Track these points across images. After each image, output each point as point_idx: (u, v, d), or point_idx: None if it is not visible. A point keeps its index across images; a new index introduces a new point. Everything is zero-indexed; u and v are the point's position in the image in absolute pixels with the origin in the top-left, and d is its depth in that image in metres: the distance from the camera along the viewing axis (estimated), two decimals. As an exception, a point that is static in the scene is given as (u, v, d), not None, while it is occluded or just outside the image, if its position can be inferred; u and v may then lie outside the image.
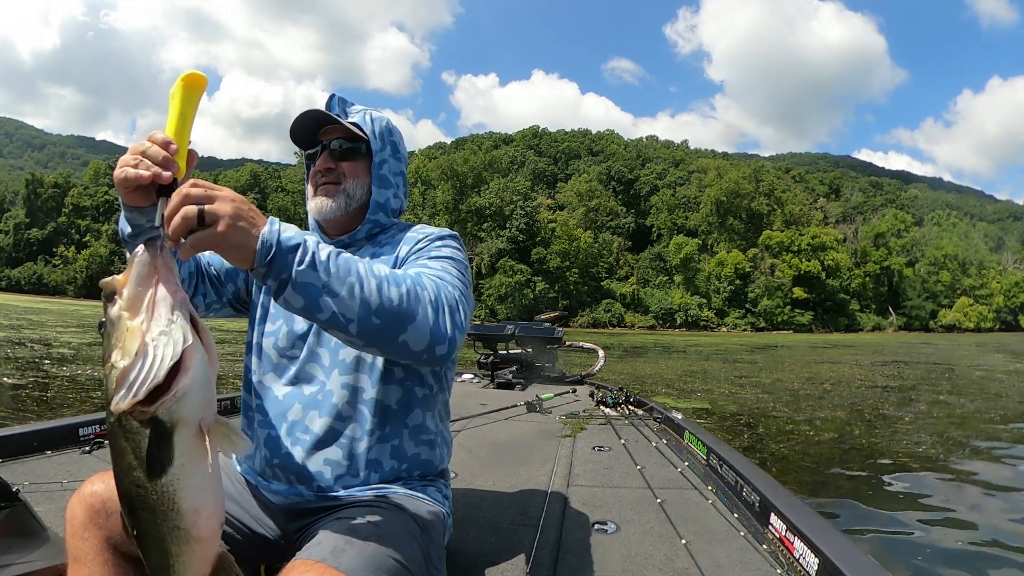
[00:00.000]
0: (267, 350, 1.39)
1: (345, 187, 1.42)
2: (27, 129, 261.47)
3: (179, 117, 1.04)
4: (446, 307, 1.13)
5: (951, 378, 16.04)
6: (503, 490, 2.33)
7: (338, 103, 1.47)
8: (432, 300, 1.11)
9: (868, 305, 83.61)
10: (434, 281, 1.16)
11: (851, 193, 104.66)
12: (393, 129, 1.50)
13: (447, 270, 1.26)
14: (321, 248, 1.00)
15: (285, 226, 0.98)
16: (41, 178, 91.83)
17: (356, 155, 1.43)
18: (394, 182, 1.49)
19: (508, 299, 73.19)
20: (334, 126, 1.43)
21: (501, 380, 5.71)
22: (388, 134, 1.47)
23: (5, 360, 11.43)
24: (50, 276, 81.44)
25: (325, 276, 0.98)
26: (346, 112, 1.47)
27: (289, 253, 0.96)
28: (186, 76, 1.05)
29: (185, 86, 1.04)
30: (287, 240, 0.96)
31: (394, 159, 1.48)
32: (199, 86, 1.05)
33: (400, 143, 1.52)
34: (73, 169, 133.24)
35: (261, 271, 0.95)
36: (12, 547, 1.44)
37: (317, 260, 0.98)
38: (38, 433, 2.54)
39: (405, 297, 1.05)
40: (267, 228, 0.95)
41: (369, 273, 1.03)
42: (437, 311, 1.10)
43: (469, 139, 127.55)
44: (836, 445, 7.02)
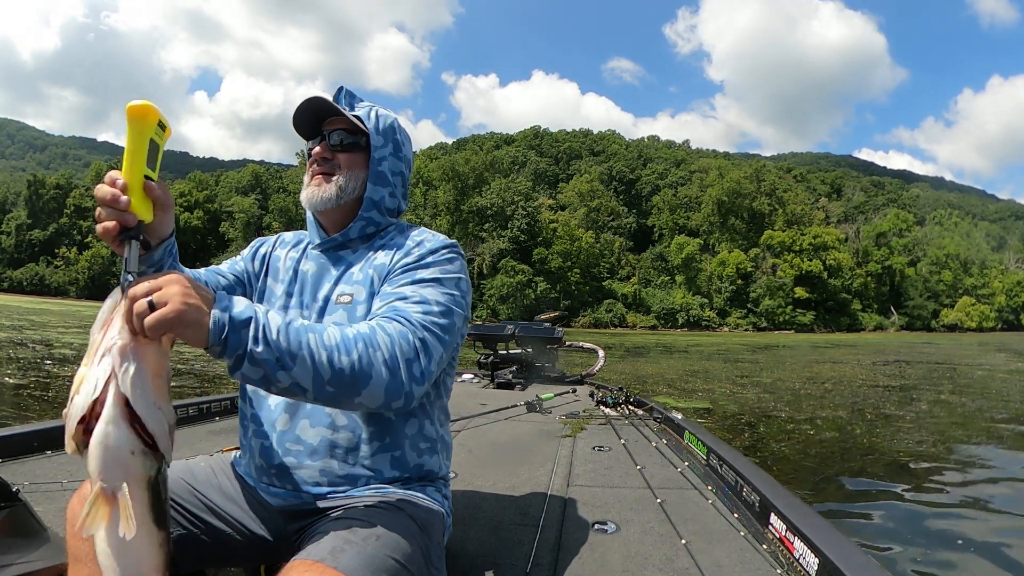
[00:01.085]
0: None
1: (338, 179, 1.40)
2: (29, 130, 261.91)
3: (127, 152, 1.04)
4: (401, 364, 1.10)
5: (953, 378, 16.02)
6: (503, 490, 2.33)
7: (345, 96, 1.45)
8: (387, 359, 1.09)
9: (870, 305, 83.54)
10: (391, 335, 1.12)
11: (853, 193, 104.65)
12: (398, 128, 1.47)
13: (426, 302, 1.23)
14: (272, 321, 1.01)
15: (236, 300, 0.99)
16: (43, 179, 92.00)
17: (355, 148, 1.41)
18: (392, 181, 1.45)
19: (510, 299, 73.19)
20: (338, 118, 1.42)
21: (501, 380, 5.71)
22: (392, 132, 1.45)
23: (7, 360, 11.45)
24: (52, 277, 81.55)
25: (278, 351, 0.99)
26: (353, 106, 1.45)
27: (242, 328, 0.97)
28: (129, 108, 1.03)
29: (128, 119, 1.02)
30: (239, 315, 0.97)
31: (395, 158, 1.45)
32: (143, 116, 1.03)
33: (405, 144, 1.49)
34: (75, 170, 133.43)
35: (217, 348, 0.96)
36: (12, 547, 1.43)
37: (269, 335, 0.99)
38: (38, 433, 2.53)
39: (357, 363, 1.05)
40: (217, 308, 0.96)
41: (320, 345, 1.03)
42: (393, 370, 1.09)
43: (470, 139, 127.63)
44: (837, 445, 7.01)
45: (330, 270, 1.41)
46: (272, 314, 1.02)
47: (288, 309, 1.41)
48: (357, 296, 1.34)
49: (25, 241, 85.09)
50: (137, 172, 1.04)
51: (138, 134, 1.03)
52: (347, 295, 1.35)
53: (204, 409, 3.29)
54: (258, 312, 1.00)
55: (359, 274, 1.37)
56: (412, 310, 1.20)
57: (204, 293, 0.96)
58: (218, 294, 0.98)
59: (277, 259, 1.52)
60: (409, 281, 1.28)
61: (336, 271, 1.40)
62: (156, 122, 1.05)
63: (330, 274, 1.41)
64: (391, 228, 1.47)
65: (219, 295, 0.98)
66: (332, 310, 1.35)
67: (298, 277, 1.45)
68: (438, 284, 1.28)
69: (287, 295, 1.44)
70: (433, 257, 1.33)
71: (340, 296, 1.35)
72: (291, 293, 1.44)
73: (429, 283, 1.27)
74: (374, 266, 1.36)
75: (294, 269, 1.47)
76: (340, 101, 1.44)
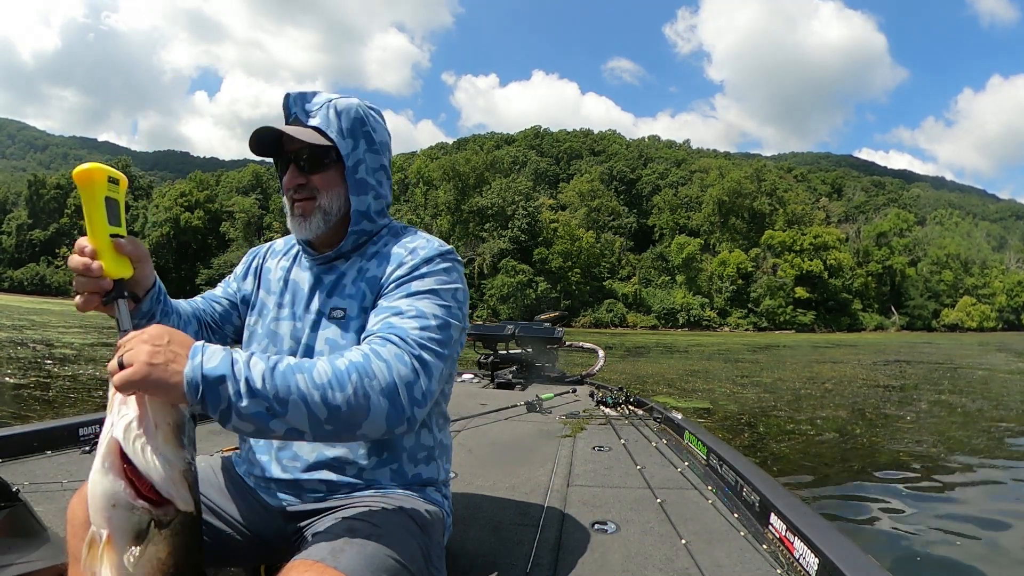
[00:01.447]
0: None
1: (320, 202, 1.32)
2: (29, 130, 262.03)
3: (87, 217, 1.04)
4: (401, 388, 1.06)
5: (953, 378, 16.01)
6: (503, 490, 2.33)
7: (296, 102, 1.34)
8: (384, 387, 1.04)
9: (870, 305, 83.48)
10: (386, 360, 1.07)
11: (853, 193, 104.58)
12: (365, 115, 1.35)
13: (422, 315, 1.18)
14: (254, 369, 0.96)
15: (209, 353, 0.95)
16: (43, 179, 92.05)
17: (326, 163, 1.31)
18: (374, 181, 1.36)
19: (510, 299, 73.21)
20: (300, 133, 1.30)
21: (501, 380, 5.71)
22: (359, 125, 1.33)
23: (7, 360, 11.46)
24: (52, 277, 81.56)
25: (266, 400, 0.95)
26: (307, 112, 1.33)
27: (219, 385, 0.93)
28: (75, 174, 1.03)
29: (78, 185, 1.03)
30: (211, 372, 0.93)
31: (370, 153, 1.35)
32: (90, 179, 1.03)
33: (377, 128, 1.37)
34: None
35: (197, 408, 0.94)
36: (12, 547, 1.44)
37: (253, 386, 0.94)
38: (38, 433, 2.53)
39: (353, 397, 1.00)
40: (188, 366, 0.92)
41: (310, 384, 0.98)
42: (392, 397, 1.05)
43: (471, 139, 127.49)
44: (837, 445, 7.01)
45: (322, 280, 1.37)
46: (255, 361, 0.97)
47: (280, 321, 1.39)
48: (350, 311, 1.30)
49: (26, 241, 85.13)
50: (102, 235, 1.04)
51: (91, 198, 1.03)
52: (340, 310, 1.31)
53: None
54: (236, 363, 0.95)
55: (352, 287, 1.32)
56: (408, 326, 1.15)
57: (178, 350, 0.93)
58: (192, 347, 0.95)
59: (268, 271, 1.49)
60: (404, 294, 1.23)
61: (328, 282, 1.36)
62: (105, 180, 1.04)
63: (322, 285, 1.36)
64: (383, 232, 1.41)
65: (193, 348, 0.94)
66: (325, 325, 1.31)
67: (289, 287, 1.42)
68: (434, 296, 1.23)
69: (278, 306, 1.41)
70: (428, 267, 1.27)
71: (333, 311, 1.32)
72: (282, 304, 1.40)
73: (425, 295, 1.23)
74: (367, 279, 1.31)
75: (285, 279, 1.43)
76: (291, 109, 1.34)
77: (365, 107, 1.36)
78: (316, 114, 1.32)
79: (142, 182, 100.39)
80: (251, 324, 1.44)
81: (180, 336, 0.95)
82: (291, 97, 1.34)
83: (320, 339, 1.30)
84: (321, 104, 1.32)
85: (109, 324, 26.78)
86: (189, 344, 0.95)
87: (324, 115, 1.31)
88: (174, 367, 0.91)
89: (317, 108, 1.32)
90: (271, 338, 1.38)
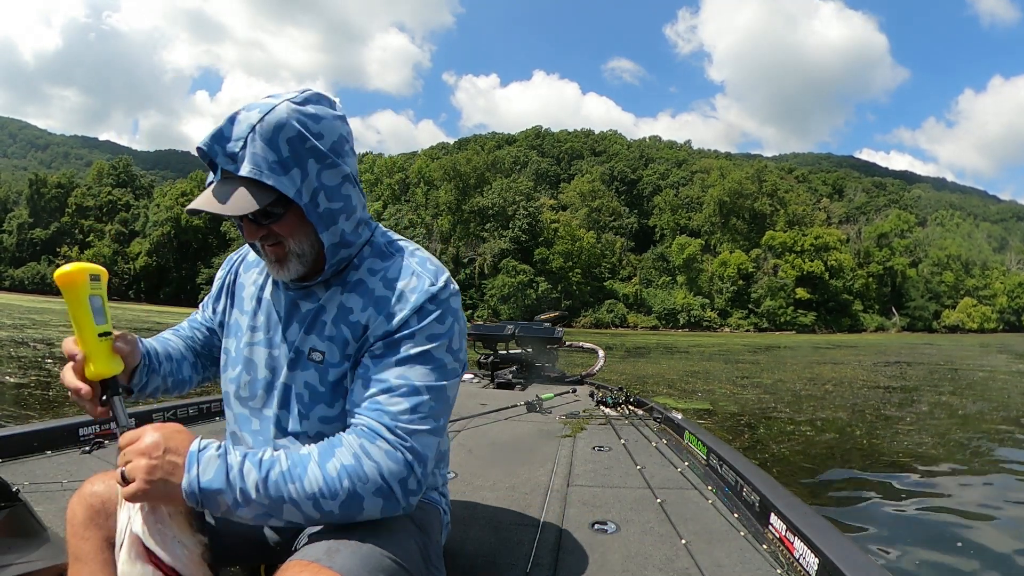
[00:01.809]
0: (233, 399, 1.32)
1: (290, 247, 1.15)
2: (30, 129, 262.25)
3: (72, 320, 1.06)
4: (395, 486, 1.06)
5: (954, 379, 16.00)
6: (503, 490, 2.34)
7: (214, 149, 1.07)
8: (377, 488, 1.04)
9: (871, 306, 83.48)
10: (377, 461, 1.05)
11: (854, 193, 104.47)
12: (302, 125, 1.07)
13: (415, 391, 1.11)
14: (248, 478, 0.99)
15: (205, 463, 0.98)
16: (45, 178, 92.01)
17: (279, 210, 1.12)
18: (340, 203, 1.15)
19: (511, 299, 73.27)
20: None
21: (501, 380, 5.71)
22: (300, 144, 1.07)
23: (8, 359, 11.46)
24: (53, 276, 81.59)
25: (261, 507, 1.00)
26: (231, 155, 1.06)
27: (216, 496, 0.98)
28: (56, 277, 1.06)
29: (60, 287, 1.05)
30: (208, 485, 0.97)
31: (326, 171, 1.11)
32: (72, 282, 1.05)
33: (324, 132, 1.10)
34: (76, 169, 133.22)
35: (199, 510, 1.02)
36: (12, 547, 1.44)
37: (248, 496, 0.99)
38: (38, 433, 2.54)
39: (345, 503, 1.03)
40: (185, 480, 0.97)
41: (302, 494, 1.01)
42: (385, 496, 1.05)
43: (472, 139, 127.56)
44: (837, 445, 7.01)
45: (299, 308, 1.24)
46: (248, 469, 1.00)
47: (255, 346, 1.29)
48: (330, 356, 1.19)
49: (27, 240, 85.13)
50: (91, 337, 1.05)
51: (75, 299, 1.05)
52: (319, 352, 1.20)
53: (204, 409, 3.30)
54: (231, 471, 0.99)
55: (332, 327, 1.20)
56: (398, 409, 1.09)
57: (175, 459, 0.98)
58: (188, 456, 0.98)
59: (241, 287, 1.37)
60: (393, 360, 1.13)
61: (305, 311, 1.23)
62: (87, 279, 1.06)
63: (299, 313, 1.24)
64: (364, 251, 1.25)
65: (189, 458, 0.98)
66: (305, 366, 1.21)
67: (263, 307, 1.30)
68: (426, 359, 1.14)
69: (252, 329, 1.31)
70: (419, 320, 1.15)
71: (312, 351, 1.20)
72: (256, 327, 1.30)
73: (416, 361, 1.14)
74: (349, 323, 1.19)
75: (258, 297, 1.32)
76: (215, 153, 1.07)
77: (296, 112, 1.07)
78: (242, 156, 1.05)
79: (143, 181, 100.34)
80: (227, 346, 1.36)
81: (176, 441, 0.99)
82: (206, 148, 1.08)
83: (299, 381, 1.22)
84: (244, 137, 1.05)
85: (110, 323, 26.87)
86: (186, 450, 0.99)
87: (252, 154, 1.05)
88: (172, 480, 0.97)
89: (241, 146, 1.05)
90: (246, 365, 1.29)
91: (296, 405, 1.22)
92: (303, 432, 1.21)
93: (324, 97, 1.14)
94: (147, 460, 0.96)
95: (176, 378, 1.38)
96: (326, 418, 1.21)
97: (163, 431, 1.00)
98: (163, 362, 1.33)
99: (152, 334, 1.43)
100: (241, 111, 1.07)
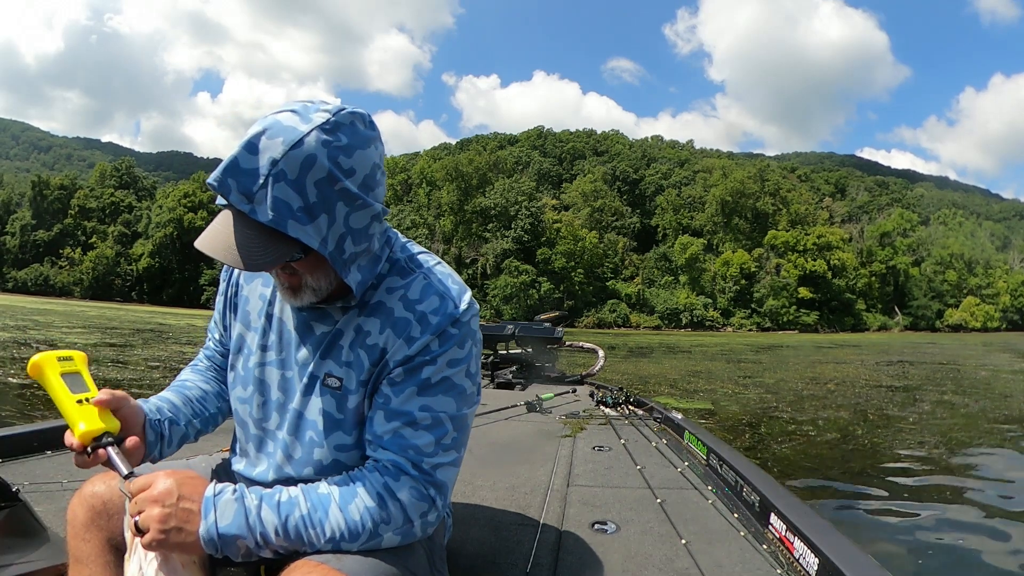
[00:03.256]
0: (244, 418, 1.26)
1: (307, 282, 1.06)
2: (33, 131, 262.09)
3: (55, 401, 1.07)
4: (416, 521, 1.05)
5: (956, 378, 15.98)
6: (503, 490, 2.33)
7: (226, 185, 0.92)
8: (399, 526, 1.04)
9: (874, 305, 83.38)
10: (401, 500, 1.03)
11: (857, 192, 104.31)
12: (331, 162, 0.92)
13: (438, 423, 1.08)
14: (267, 522, 0.97)
15: (222, 508, 0.96)
16: (47, 180, 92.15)
17: (300, 256, 1.01)
18: (364, 244, 1.03)
19: (513, 299, 73.31)
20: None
21: (501, 380, 5.71)
22: (328, 185, 0.93)
23: (11, 360, 11.48)
24: (56, 277, 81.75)
25: (282, 548, 0.99)
26: (249, 196, 0.92)
27: (235, 541, 0.96)
28: (29, 367, 1.10)
29: (33, 377, 1.10)
30: (226, 531, 0.95)
31: (355, 212, 0.98)
32: (41, 371, 1.08)
33: (356, 168, 0.95)
34: (79, 171, 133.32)
35: (219, 556, 0.98)
36: (12, 547, 1.44)
37: (268, 540, 0.97)
38: (38, 433, 2.53)
39: (365, 543, 1.02)
40: (203, 527, 0.94)
41: (323, 538, 1.00)
42: (405, 532, 1.05)
43: (474, 140, 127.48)
44: (838, 445, 7.00)
45: (312, 329, 1.15)
46: (266, 512, 0.98)
47: (266, 366, 1.21)
48: (347, 382, 1.12)
49: (30, 242, 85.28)
50: (68, 405, 1.05)
51: (49, 383, 1.08)
52: (336, 379, 1.13)
53: None
54: (250, 516, 0.97)
55: (349, 352, 1.12)
56: (422, 443, 1.06)
57: (190, 507, 0.95)
58: (204, 502, 0.96)
59: (246, 301, 1.27)
60: (415, 388, 1.08)
61: (320, 333, 1.15)
62: (55, 362, 1.10)
63: (312, 336, 1.15)
64: (382, 271, 1.14)
65: (205, 504, 0.96)
66: (321, 392, 1.14)
67: (273, 326, 1.21)
68: (448, 387, 1.10)
69: (262, 349, 1.22)
70: (440, 344, 1.08)
71: (328, 377, 1.13)
72: (266, 347, 1.21)
73: (438, 389, 1.09)
74: (366, 346, 1.11)
75: (267, 314, 1.22)
76: (230, 190, 0.92)
77: (327, 145, 0.92)
78: (261, 195, 0.91)
79: (146, 183, 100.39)
80: (234, 363, 1.28)
81: (189, 487, 0.97)
82: (217, 184, 0.93)
83: (313, 408, 1.15)
84: (265, 177, 0.90)
85: (112, 325, 26.85)
86: (200, 496, 0.96)
87: (274, 198, 0.91)
88: (188, 528, 0.94)
89: (260, 185, 0.91)
90: (257, 386, 1.22)
91: (310, 432, 1.15)
92: (318, 460, 1.16)
93: (357, 116, 0.97)
94: (160, 508, 0.94)
95: (203, 416, 1.31)
96: (343, 446, 1.15)
97: (176, 477, 0.97)
98: (179, 409, 1.25)
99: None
100: (262, 136, 0.91)
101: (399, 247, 1.17)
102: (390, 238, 1.16)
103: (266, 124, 0.92)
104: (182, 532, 0.94)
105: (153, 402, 1.22)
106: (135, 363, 12.33)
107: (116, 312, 43.93)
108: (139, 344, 16.95)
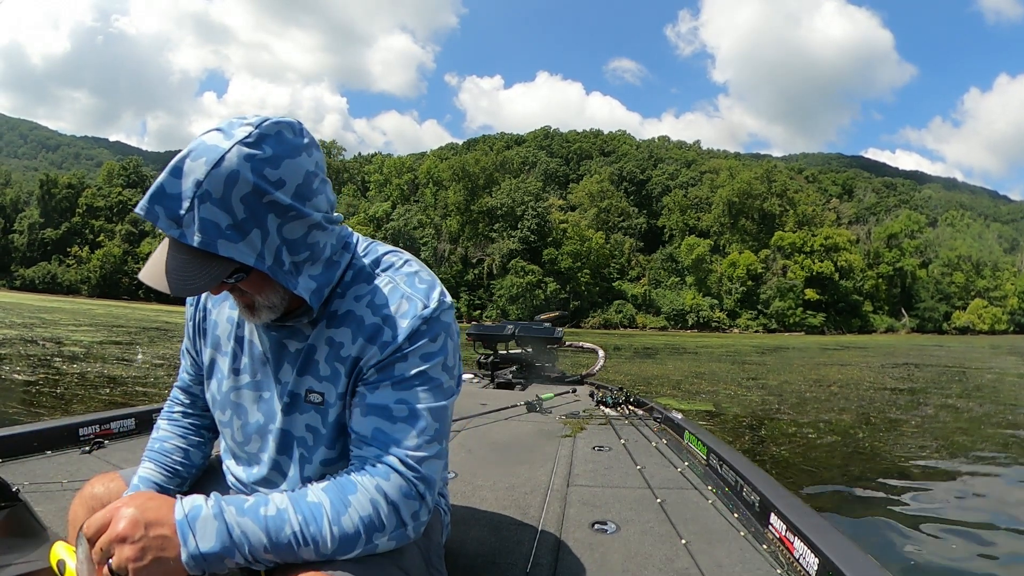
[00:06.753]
0: (228, 442, 1.25)
1: (258, 300, 1.04)
2: (41, 130, 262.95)
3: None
4: (408, 521, 1.02)
5: (962, 381, 15.90)
6: (503, 490, 2.34)
7: (154, 212, 0.90)
8: (392, 529, 1.01)
9: (881, 307, 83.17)
10: (394, 501, 1.01)
11: (864, 193, 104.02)
12: (256, 176, 0.90)
13: (416, 415, 1.06)
14: (252, 537, 0.91)
15: (200, 529, 0.89)
16: (55, 179, 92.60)
17: (242, 274, 0.99)
18: (306, 252, 1.01)
19: (519, 300, 73.33)
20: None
21: (501, 380, 5.72)
22: (256, 200, 0.91)
23: (18, 357, 11.55)
24: (64, 276, 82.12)
25: (271, 562, 0.94)
26: (176, 219, 0.90)
27: (222, 559, 0.90)
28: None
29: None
30: (211, 551, 0.88)
31: (288, 225, 0.96)
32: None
33: (285, 178, 0.93)
34: (87, 170, 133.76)
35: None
36: (12, 547, 1.44)
37: (257, 555, 0.92)
38: (38, 433, 2.54)
39: (361, 552, 0.99)
40: (184, 553, 0.87)
41: (315, 552, 0.95)
42: (398, 536, 1.02)
43: (480, 140, 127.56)
44: (839, 448, 6.97)
45: (286, 348, 1.13)
46: (250, 527, 0.92)
47: (241, 390, 1.19)
48: (328, 396, 1.11)
49: (38, 240, 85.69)
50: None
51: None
52: (317, 394, 1.11)
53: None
54: (233, 532, 0.91)
55: (325, 366, 1.11)
56: (403, 437, 1.05)
57: (163, 532, 0.87)
58: (178, 527, 0.88)
59: (215, 325, 1.24)
60: (389, 384, 1.07)
61: (295, 350, 1.13)
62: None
63: (287, 354, 1.13)
64: (347, 276, 1.12)
65: (180, 530, 0.88)
66: (302, 408, 1.13)
67: (244, 348, 1.19)
68: (423, 380, 1.08)
69: (235, 372, 1.19)
70: (411, 344, 1.07)
71: (310, 393, 1.12)
72: (239, 370, 1.19)
73: (412, 382, 1.07)
74: (341, 358, 1.10)
75: (237, 336, 1.20)
76: (157, 217, 0.90)
77: (249, 159, 0.90)
78: (189, 219, 0.90)
79: (153, 181, 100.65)
80: (210, 389, 1.26)
81: (154, 511, 0.88)
82: (144, 214, 0.91)
83: (298, 425, 1.14)
84: (190, 200, 0.89)
85: (118, 323, 26.91)
86: (170, 518, 0.89)
87: (201, 220, 0.89)
88: (167, 556, 0.87)
89: (186, 208, 0.89)
90: (234, 410, 1.21)
91: (298, 450, 1.14)
92: (306, 477, 1.14)
93: (284, 125, 0.95)
94: (130, 545, 0.85)
95: (189, 478, 1.31)
96: (327, 460, 1.14)
97: (135, 504, 0.89)
98: (167, 489, 1.24)
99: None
100: (186, 159, 0.89)
101: (360, 254, 1.15)
102: (350, 243, 1.13)
103: (191, 147, 0.90)
104: (161, 562, 0.86)
105: (136, 486, 1.21)
106: (140, 361, 12.41)
107: (123, 310, 44.11)
108: (145, 342, 17.03)
